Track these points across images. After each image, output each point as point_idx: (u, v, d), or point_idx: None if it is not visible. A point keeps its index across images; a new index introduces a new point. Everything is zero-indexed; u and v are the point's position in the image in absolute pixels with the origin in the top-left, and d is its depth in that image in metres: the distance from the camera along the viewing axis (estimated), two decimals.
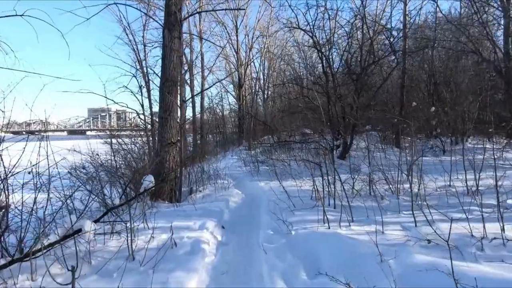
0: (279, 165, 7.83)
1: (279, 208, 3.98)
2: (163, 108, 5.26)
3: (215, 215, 4.05)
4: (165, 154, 5.23)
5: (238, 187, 6.06)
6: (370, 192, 4.71)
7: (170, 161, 5.29)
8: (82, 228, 2.66)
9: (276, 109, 21.12)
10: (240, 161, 9.09)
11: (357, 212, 3.63)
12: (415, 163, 4.99)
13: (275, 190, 5.25)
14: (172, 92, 5.24)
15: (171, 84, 5.23)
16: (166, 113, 5.24)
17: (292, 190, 4.96)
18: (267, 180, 6.44)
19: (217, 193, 5.26)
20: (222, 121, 20.16)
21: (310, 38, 7.53)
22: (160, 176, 5.22)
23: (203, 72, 16.15)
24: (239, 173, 7.74)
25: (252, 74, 22.10)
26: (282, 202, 4.39)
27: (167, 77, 5.21)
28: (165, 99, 5.22)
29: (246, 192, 5.59)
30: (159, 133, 5.34)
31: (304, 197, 4.54)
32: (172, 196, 5.33)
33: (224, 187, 5.56)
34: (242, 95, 19.24)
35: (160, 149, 5.27)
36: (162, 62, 5.33)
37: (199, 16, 16.88)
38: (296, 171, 6.67)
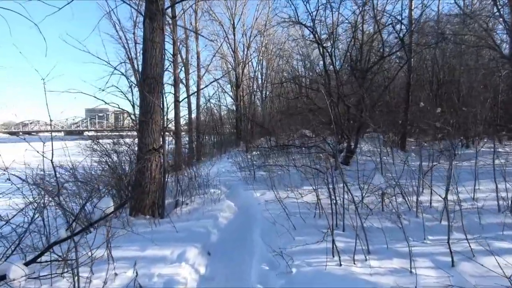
0: (277, 170, 7.09)
1: (276, 231, 3.24)
2: (143, 110, 4.50)
3: (200, 238, 3.30)
4: (146, 162, 4.48)
5: (231, 197, 5.31)
6: (382, 207, 3.97)
7: (152, 170, 4.53)
8: (6, 274, 1.91)
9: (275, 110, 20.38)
10: (235, 165, 8.33)
11: (373, 237, 2.88)
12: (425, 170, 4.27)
13: (272, 203, 4.51)
14: (154, 91, 4.48)
15: (153, 82, 4.47)
16: (147, 116, 4.48)
17: (291, 203, 4.22)
18: (264, 188, 5.69)
19: (206, 207, 4.50)
20: (219, 121, 19.39)
21: (311, 33, 6.77)
22: (141, 187, 4.47)
23: (199, 71, 15.38)
24: (234, 179, 6.98)
25: (250, 74, 21.35)
26: (279, 218, 3.65)
27: (148, 73, 4.45)
28: (145, 100, 4.46)
29: (239, 204, 4.84)
30: (138, 138, 4.58)
31: (306, 214, 3.81)
32: (154, 210, 4.58)
33: (215, 199, 4.80)
34: (239, 95, 18.48)
35: (140, 156, 4.51)
36: (143, 56, 4.57)
37: (195, 14, 16.11)
38: (295, 178, 5.93)
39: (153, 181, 4.56)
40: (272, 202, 4.57)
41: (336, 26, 6.10)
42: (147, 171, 4.51)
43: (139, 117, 4.56)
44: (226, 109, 20.74)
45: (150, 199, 4.54)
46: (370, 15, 6.07)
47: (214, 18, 18.04)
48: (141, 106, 4.53)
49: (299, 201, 4.50)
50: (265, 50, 20.88)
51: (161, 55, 4.58)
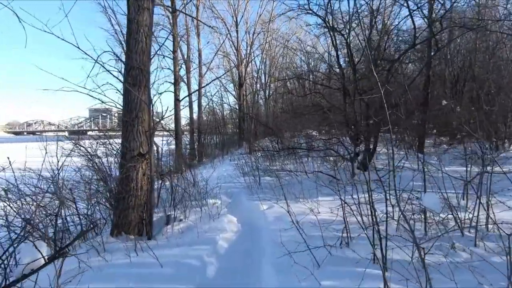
0: (283, 175, 6.22)
1: (293, 269, 2.36)
2: (126, 107, 3.64)
3: (191, 276, 2.43)
4: (131, 170, 3.62)
5: (233, 210, 4.44)
6: (425, 229, 3.08)
7: (138, 180, 3.68)
8: None
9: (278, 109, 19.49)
10: (238, 169, 7.46)
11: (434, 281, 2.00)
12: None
13: (283, 219, 3.64)
14: (139, 84, 3.61)
15: (138, 73, 3.60)
16: (132, 114, 3.62)
17: (307, 222, 3.35)
18: (271, 198, 4.82)
19: (203, 225, 3.63)
20: (222, 121, 18.52)
21: (323, 21, 5.86)
22: (124, 201, 3.62)
23: (200, 69, 14.52)
24: (236, 186, 6.11)
25: (253, 73, 20.46)
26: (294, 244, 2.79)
27: (132, 63, 3.59)
28: (129, 95, 3.60)
29: (243, 220, 3.97)
30: (122, 141, 3.72)
31: (330, 240, 2.93)
32: (141, 228, 3.73)
33: (214, 214, 3.92)
34: (242, 94, 17.62)
35: (123, 163, 3.66)
36: (126, 42, 3.71)
37: (196, 10, 15.23)
38: (308, 186, 5.04)
39: (140, 193, 3.70)
40: (283, 217, 3.70)
41: (354, 12, 5.19)
42: (132, 182, 3.65)
43: (122, 116, 3.70)
44: (229, 109, 19.87)
45: (136, 215, 3.69)
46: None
47: (216, 15, 17.17)
48: (124, 102, 3.67)
49: (317, 218, 3.63)
50: (269, 48, 20.00)
51: (149, 41, 3.71)
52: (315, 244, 2.65)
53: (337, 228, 3.18)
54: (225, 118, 19.14)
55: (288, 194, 4.81)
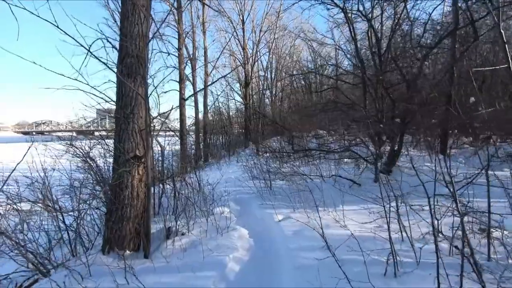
0: (296, 179, 5.59)
1: None
2: (120, 103, 3.06)
3: None
4: (125, 175, 3.04)
5: (243, 220, 3.83)
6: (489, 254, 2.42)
7: (134, 187, 3.10)
8: None
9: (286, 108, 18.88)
10: (246, 172, 6.85)
11: None
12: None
13: (303, 235, 3.03)
14: (136, 75, 3.03)
15: (134, 62, 3.02)
16: (126, 110, 3.04)
17: (334, 237, 2.73)
18: (286, 206, 4.21)
19: (209, 241, 3.03)
20: (228, 121, 17.93)
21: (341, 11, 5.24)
22: (118, 212, 3.04)
23: (206, 68, 13.96)
24: (245, 191, 5.51)
25: (259, 72, 19.84)
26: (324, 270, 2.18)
27: (127, 50, 3.01)
28: (124, 88, 3.02)
29: (255, 235, 3.35)
30: (114, 142, 3.14)
31: (369, 266, 2.30)
32: (137, 242, 3.15)
33: (222, 226, 3.31)
34: (248, 94, 17.01)
35: (116, 168, 3.08)
36: (120, 25, 3.12)
37: (202, 7, 14.67)
38: (329, 192, 4.40)
39: (136, 202, 3.12)
40: (303, 233, 3.09)
41: None
42: (127, 189, 3.07)
43: (115, 113, 3.12)
44: (235, 109, 19.28)
45: (132, 228, 3.11)
46: None
47: (223, 14, 16.59)
48: (117, 96, 3.09)
49: (345, 231, 3.00)
50: (275, 47, 19.37)
51: (146, 24, 3.12)
52: (350, 272, 2.02)
53: (374, 248, 2.56)
54: (231, 118, 18.56)
55: (305, 201, 4.20)
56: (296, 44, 20.89)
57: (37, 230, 3.00)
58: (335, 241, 2.59)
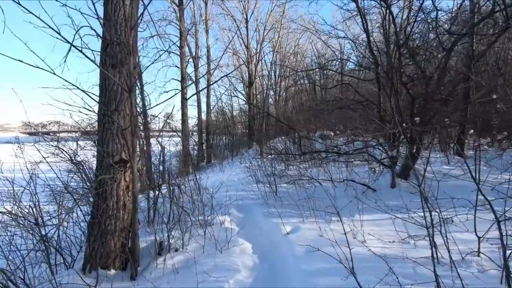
0: (303, 182, 5.10)
1: None
2: (103, 98, 2.61)
3: None
4: (109, 182, 2.59)
5: (246, 231, 3.35)
6: None
7: (119, 196, 2.65)
8: None
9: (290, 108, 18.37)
10: (249, 174, 6.37)
11: None
12: None
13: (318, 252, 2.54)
14: (121, 66, 2.58)
15: (119, 51, 2.57)
16: (111, 106, 2.59)
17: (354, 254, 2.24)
18: (294, 214, 3.72)
19: (207, 259, 2.56)
20: (231, 121, 17.47)
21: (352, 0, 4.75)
22: (100, 225, 2.59)
23: (209, 67, 13.52)
24: (249, 195, 5.03)
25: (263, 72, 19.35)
26: None
27: (111, 36, 2.56)
28: (107, 81, 2.57)
29: (260, 250, 2.87)
30: (97, 144, 2.69)
31: None
32: (124, 259, 2.70)
33: (221, 239, 2.84)
34: (252, 94, 16.56)
35: (98, 173, 2.63)
36: (104, 8, 2.66)
37: (205, 6, 14.26)
38: (341, 199, 3.91)
39: (122, 213, 2.67)
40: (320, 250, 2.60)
41: None
42: (111, 198, 2.62)
43: (98, 110, 2.67)
44: (238, 109, 18.83)
45: (117, 243, 2.66)
46: None
47: (226, 12, 16.16)
48: (101, 91, 2.64)
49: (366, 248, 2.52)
50: (279, 46, 18.86)
51: (134, 5, 2.66)
52: None
53: (406, 272, 2.07)
54: (235, 118, 18.11)
55: (316, 208, 3.71)
56: (301, 44, 20.41)
57: (6, 245, 2.56)
58: (356, 261, 2.11)
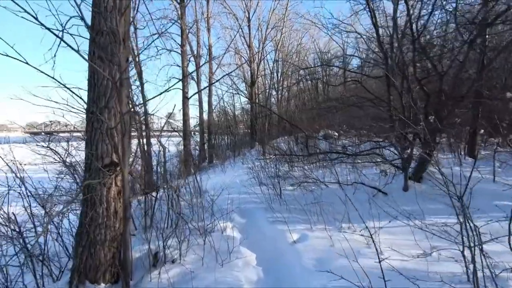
0: (309, 184, 4.82)
1: None
2: (92, 94, 2.35)
3: None
4: (98, 187, 2.33)
5: (250, 239, 3.07)
6: None
7: (110, 202, 2.38)
8: None
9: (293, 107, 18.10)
10: (252, 175, 6.10)
11: None
12: None
13: (329, 264, 2.28)
14: (112, 58, 2.31)
15: (109, 42, 2.30)
16: (100, 103, 2.33)
17: (371, 269, 1.97)
18: (300, 220, 3.45)
19: (206, 273, 2.29)
20: (233, 121, 17.20)
21: None
22: (91, 234, 2.33)
23: (210, 65, 13.25)
24: (252, 198, 4.76)
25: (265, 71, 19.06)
26: None
27: (100, 25, 2.29)
28: (97, 75, 2.31)
29: (265, 262, 2.60)
30: (86, 145, 2.43)
31: None
32: (116, 271, 2.43)
33: (222, 250, 2.57)
34: (254, 93, 16.28)
35: (86, 177, 2.37)
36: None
37: (207, 4, 13.98)
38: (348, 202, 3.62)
39: (113, 221, 2.41)
40: (327, 262, 2.33)
41: None
42: (101, 204, 2.35)
43: (86, 107, 2.40)
44: (241, 108, 18.57)
45: (108, 254, 2.39)
46: None
47: (228, 11, 15.88)
48: (89, 87, 2.37)
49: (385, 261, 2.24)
50: (282, 45, 18.57)
51: None
52: None
53: None
54: (237, 117, 17.84)
55: (324, 213, 3.44)
56: (303, 43, 20.12)
57: None
58: (373, 279, 1.83)
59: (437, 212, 3.30)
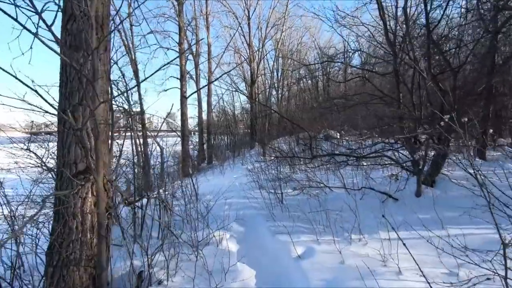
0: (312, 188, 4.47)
1: None
2: (64, 89, 2.00)
3: None
4: (71, 198, 1.98)
5: (249, 253, 2.73)
6: None
7: (85, 215, 2.03)
8: None
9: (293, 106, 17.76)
10: (252, 178, 5.75)
11: None
12: None
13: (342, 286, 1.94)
14: (86, 47, 1.96)
15: (82, 27, 1.95)
16: (73, 100, 1.98)
17: None
18: (305, 230, 3.10)
19: None
20: (233, 121, 16.85)
21: None
22: (63, 253, 1.99)
23: (209, 64, 12.90)
24: (251, 204, 4.42)
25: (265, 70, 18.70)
26: None
27: (72, 9, 1.94)
28: (69, 68, 1.96)
29: (265, 280, 2.25)
30: (57, 149, 2.08)
31: None
32: None
33: (216, 267, 2.23)
34: (254, 93, 15.92)
35: (58, 186, 2.03)
36: None
37: (205, 1, 13.62)
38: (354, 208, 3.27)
39: (89, 237, 2.06)
40: (339, 284, 1.98)
41: None
42: (75, 218, 2.01)
43: (58, 105, 2.05)
44: (240, 108, 18.22)
45: (83, 275, 2.05)
46: None
47: (228, 9, 15.52)
48: (61, 81, 2.03)
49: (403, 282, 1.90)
50: (282, 44, 18.21)
51: None
52: None
53: None
54: (237, 117, 17.49)
55: (331, 222, 3.09)
56: (304, 42, 19.77)
57: None
58: None
59: (457, 221, 2.95)
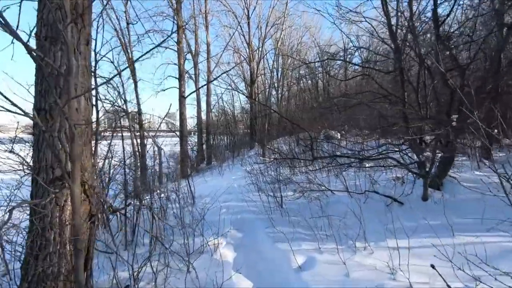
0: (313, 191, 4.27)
1: None
2: (40, 87, 1.80)
3: None
4: (48, 206, 1.78)
5: (246, 262, 2.53)
6: None
7: (63, 225, 1.84)
8: None
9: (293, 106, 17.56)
10: (250, 180, 5.54)
11: None
12: None
13: None
14: (64, 39, 1.77)
15: (58, 17, 1.75)
16: (50, 99, 1.78)
17: None
18: (306, 237, 2.90)
19: None
20: (233, 121, 16.64)
21: None
22: (39, 266, 1.79)
23: (208, 64, 12.70)
24: (249, 207, 4.21)
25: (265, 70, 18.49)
26: None
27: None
28: (42, 68, 1.76)
29: None
30: (33, 153, 1.88)
31: None
32: None
33: (210, 278, 2.02)
34: (254, 93, 15.71)
35: (33, 193, 1.83)
36: None
37: (205, 1, 13.42)
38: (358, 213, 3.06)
39: (69, 248, 1.86)
40: None
41: None
42: (52, 228, 1.81)
43: (34, 103, 1.85)
44: (240, 108, 18.02)
45: None
46: None
47: (228, 9, 15.31)
48: (37, 78, 1.83)
49: None
50: (281, 44, 18.00)
51: None
52: None
53: None
54: (236, 117, 17.28)
55: (334, 228, 2.89)
56: (304, 42, 19.56)
57: None
58: None
59: (467, 227, 2.75)
